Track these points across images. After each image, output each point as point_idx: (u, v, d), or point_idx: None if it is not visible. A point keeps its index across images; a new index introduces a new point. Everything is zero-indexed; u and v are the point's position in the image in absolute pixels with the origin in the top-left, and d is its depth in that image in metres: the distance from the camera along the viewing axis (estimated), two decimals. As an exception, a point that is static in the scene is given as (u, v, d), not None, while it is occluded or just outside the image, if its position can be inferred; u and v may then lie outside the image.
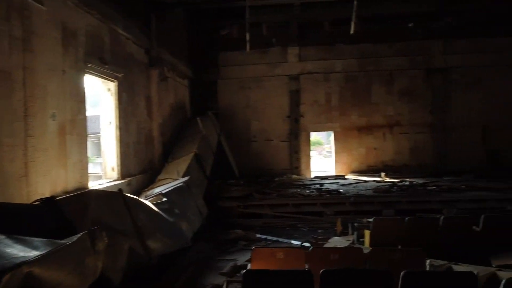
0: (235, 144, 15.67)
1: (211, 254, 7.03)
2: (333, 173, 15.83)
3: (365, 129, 16.06)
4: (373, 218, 5.37)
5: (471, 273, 2.83)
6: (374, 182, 12.89)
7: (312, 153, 17.26)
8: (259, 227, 9.16)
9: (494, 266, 4.59)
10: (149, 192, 8.20)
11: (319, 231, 8.85)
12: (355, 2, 10.48)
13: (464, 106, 15.82)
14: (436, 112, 15.83)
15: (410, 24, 13.47)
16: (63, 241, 3.14)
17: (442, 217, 5.27)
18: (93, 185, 7.47)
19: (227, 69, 15.97)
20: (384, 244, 5.41)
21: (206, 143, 11.84)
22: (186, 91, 14.49)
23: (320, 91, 16.07)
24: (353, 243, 5.84)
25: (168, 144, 11.41)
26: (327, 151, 28.66)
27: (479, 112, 15.78)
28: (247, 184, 12.56)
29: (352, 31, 10.86)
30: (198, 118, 12.39)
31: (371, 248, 3.67)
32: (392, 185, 11.62)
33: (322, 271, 2.65)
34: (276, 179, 14.39)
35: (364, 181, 13.33)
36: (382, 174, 14.45)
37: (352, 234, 6.58)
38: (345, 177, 14.40)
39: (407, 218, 5.34)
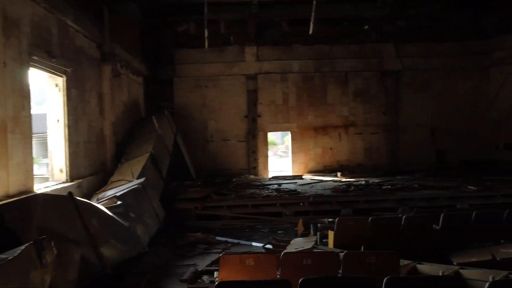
0: (191, 144, 15.30)
1: (169, 260, 6.69)
2: (290, 173, 15.89)
3: (322, 129, 16.25)
4: (336, 218, 5.32)
5: (453, 277, 2.78)
6: (331, 182, 13.03)
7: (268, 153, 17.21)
8: (218, 229, 8.92)
9: (455, 264, 4.67)
10: (101, 195, 7.71)
11: (279, 232, 8.75)
12: (314, 3, 10.48)
13: (414, 107, 16.43)
14: (389, 113, 16.33)
15: (366, 27, 13.76)
16: (3, 255, 2.75)
17: (404, 217, 5.32)
18: (39, 188, 6.89)
19: (183, 67, 15.55)
20: (348, 244, 5.37)
21: (162, 143, 11.41)
22: (140, 88, 13.92)
23: (277, 91, 16.06)
24: (316, 244, 5.76)
25: (121, 144, 10.86)
26: (282, 151, 28.85)
27: (428, 113, 16.47)
28: (204, 185, 12.26)
29: (311, 31, 10.90)
30: (153, 117, 11.91)
31: (345, 252, 3.57)
32: (349, 184, 11.79)
33: (301, 280, 2.50)
34: (234, 179, 14.19)
35: (321, 181, 13.44)
36: (338, 173, 14.66)
37: (314, 234, 6.52)
38: (303, 177, 14.47)
39: (370, 219, 5.34)
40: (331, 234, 5.48)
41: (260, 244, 7.59)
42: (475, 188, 10.29)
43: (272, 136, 31.58)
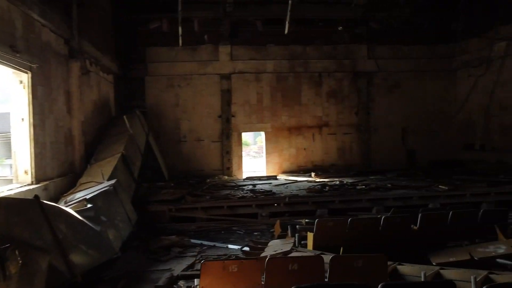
0: (164, 144, 14.97)
1: (143, 265, 6.43)
2: (264, 174, 15.80)
3: (295, 130, 16.26)
4: (316, 220, 5.24)
5: (451, 282, 2.73)
6: (306, 182, 13.02)
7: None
8: (193, 232, 8.70)
9: (435, 264, 4.68)
10: (70, 198, 7.34)
11: (256, 233, 8.63)
12: (290, 2, 10.43)
13: (386, 108, 16.71)
14: (361, 114, 16.52)
15: (339, 28, 13.84)
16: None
17: (382, 217, 5.30)
18: (2, 191, 6.48)
19: (156, 65, 15.19)
20: (327, 246, 5.31)
21: (133, 143, 11.06)
22: (110, 87, 13.47)
23: (251, 91, 15.95)
24: (294, 246, 5.66)
25: (90, 144, 10.45)
26: (255, 152, 28.74)
27: (399, 114, 16.78)
28: (178, 187, 11.99)
29: (286, 31, 10.82)
30: (124, 116, 11.53)
31: (331, 256, 3.47)
32: (323, 185, 11.80)
33: (293, 290, 2.38)
34: (208, 180, 13.96)
35: (296, 181, 13.42)
36: (313, 174, 14.70)
37: (292, 236, 6.43)
38: (277, 177, 14.41)
39: (349, 219, 5.29)
40: (310, 235, 5.40)
41: (237, 247, 7.44)
42: (446, 187, 10.50)
43: (244, 136, 31.43)
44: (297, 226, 6.23)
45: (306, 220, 7.17)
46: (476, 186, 11.01)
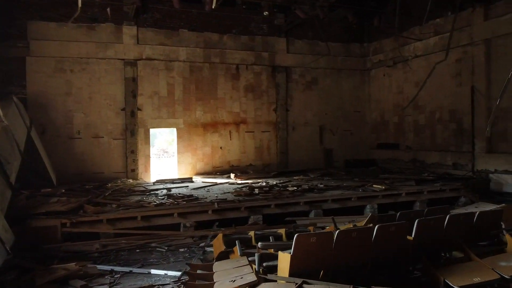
0: (52, 142, 12.22)
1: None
2: (176, 176, 13.87)
3: (211, 127, 14.65)
4: (295, 235, 3.75)
5: None
6: (228, 185, 11.49)
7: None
8: (97, 253, 6.55)
9: (457, 288, 3.55)
10: None
11: (182, 249, 6.84)
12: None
13: (304, 105, 16.05)
14: (280, 111, 15.59)
15: (265, 13, 12.58)
16: None
17: (376, 227, 4.03)
18: None
19: (41, 43, 12.29)
20: (307, 271, 3.88)
21: (9, 138, 8.37)
22: (-24, 66, 10.33)
23: (161, 82, 13.91)
24: (258, 272, 4.09)
25: None
26: (162, 151, 26.37)
27: (317, 112, 16.26)
28: (72, 194, 9.53)
29: (214, 6, 9.17)
30: (-4, 103, 8.73)
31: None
32: (251, 187, 10.40)
33: None
34: (109, 185, 11.60)
35: (216, 183, 11.80)
36: (232, 175, 13.24)
37: (242, 255, 4.85)
38: (193, 180, 12.61)
39: (336, 232, 3.92)
40: (284, 257, 3.89)
41: (162, 272, 5.59)
42: (382, 187, 9.89)
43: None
44: (259, 244, 4.65)
45: (257, 232, 5.63)
46: (405, 185, 10.67)
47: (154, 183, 12.04)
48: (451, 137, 13.18)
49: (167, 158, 23.37)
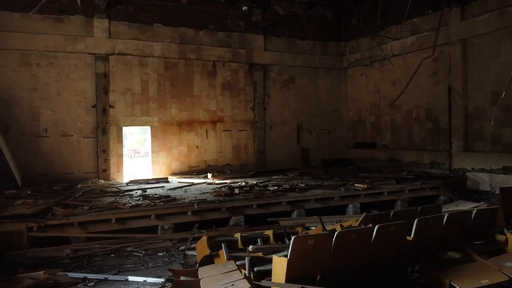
0: (16, 140, 11.49)
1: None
2: (150, 176, 13.33)
3: (187, 125, 14.18)
4: (293, 237, 3.45)
5: None
6: (205, 185, 11.10)
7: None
8: (68, 260, 6.03)
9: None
10: None
11: (160, 254, 6.42)
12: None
13: (281, 104, 15.82)
14: (258, 109, 15.29)
15: (244, 8, 12.24)
16: None
17: (376, 227, 3.79)
18: None
19: (4, 35, 11.52)
20: (304, 275, 3.59)
21: (-32, 135, 7.69)
22: None
23: (135, 78, 13.33)
24: (249, 279, 3.77)
25: None
26: (133, 150, 25.58)
27: (294, 111, 16.07)
28: (38, 195, 8.90)
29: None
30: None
31: None
32: (231, 187, 10.04)
33: None
34: (79, 185, 11.00)
35: (193, 183, 11.38)
36: (209, 175, 12.84)
37: (229, 259, 4.50)
38: (169, 180, 12.13)
39: (336, 233, 3.65)
40: (279, 261, 3.59)
41: (140, 279, 5.18)
42: (364, 186, 9.75)
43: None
44: (249, 247, 4.32)
45: (243, 234, 5.30)
46: (386, 184, 10.60)
47: (127, 184, 11.49)
48: (428, 136, 13.27)
49: (139, 159, 22.65)
